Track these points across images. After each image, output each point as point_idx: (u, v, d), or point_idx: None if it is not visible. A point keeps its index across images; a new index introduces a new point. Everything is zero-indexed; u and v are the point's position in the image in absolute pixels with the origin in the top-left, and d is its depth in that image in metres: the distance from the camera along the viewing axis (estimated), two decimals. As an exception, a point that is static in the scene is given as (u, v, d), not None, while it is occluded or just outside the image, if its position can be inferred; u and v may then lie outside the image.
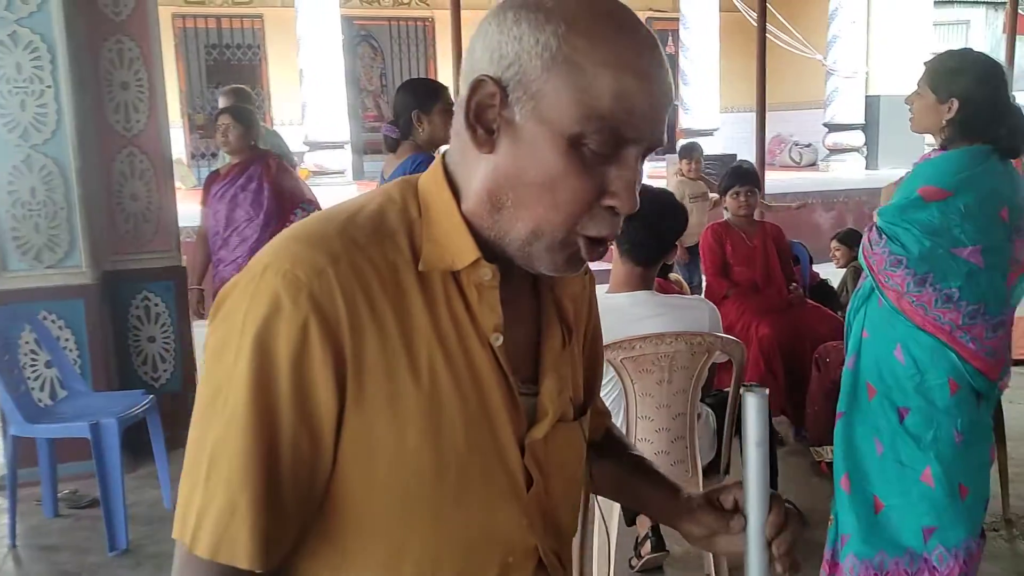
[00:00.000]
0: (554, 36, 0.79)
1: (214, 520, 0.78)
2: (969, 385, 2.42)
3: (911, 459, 2.45)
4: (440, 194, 0.87)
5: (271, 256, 0.81)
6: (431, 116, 3.06)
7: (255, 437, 0.78)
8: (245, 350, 0.78)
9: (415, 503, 0.84)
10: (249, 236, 3.99)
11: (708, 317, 2.58)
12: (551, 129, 0.79)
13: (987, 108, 2.40)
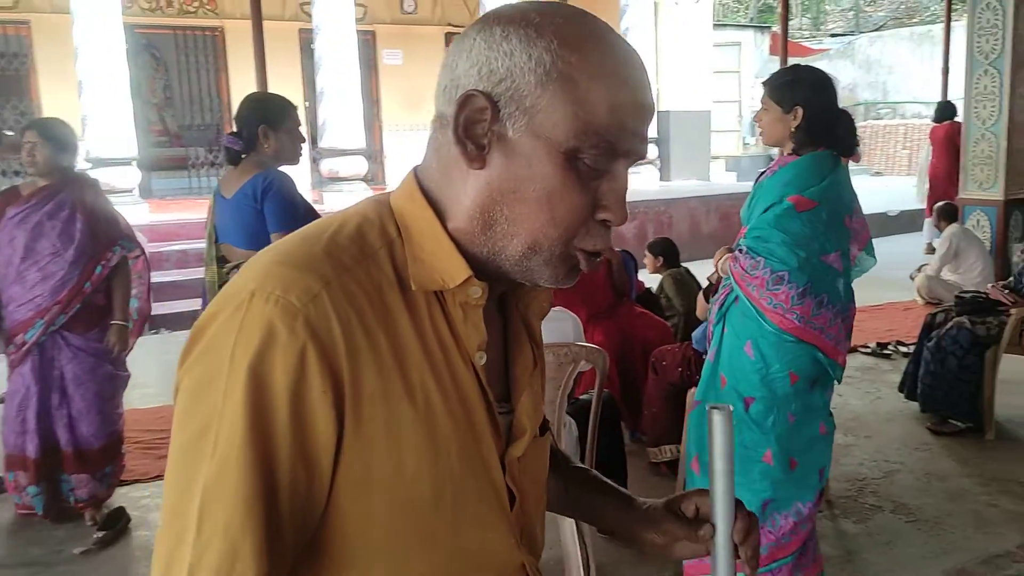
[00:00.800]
0: (547, 52, 0.78)
1: (213, 569, 0.72)
2: (809, 376, 2.66)
3: (753, 443, 2.67)
4: (421, 213, 0.84)
5: (255, 281, 0.75)
6: (279, 133, 2.91)
7: (254, 476, 0.72)
8: (238, 383, 0.72)
9: (413, 529, 0.81)
10: (53, 273, 3.32)
11: (572, 328, 2.58)
12: (547, 144, 0.78)
13: (826, 112, 2.63)
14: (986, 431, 4.14)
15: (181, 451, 0.75)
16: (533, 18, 0.79)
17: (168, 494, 0.75)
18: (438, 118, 0.84)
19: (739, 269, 2.63)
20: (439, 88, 0.84)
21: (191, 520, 0.72)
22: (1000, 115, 6.98)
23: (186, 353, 0.78)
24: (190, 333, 0.78)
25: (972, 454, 4.01)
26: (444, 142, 0.83)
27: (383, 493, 0.78)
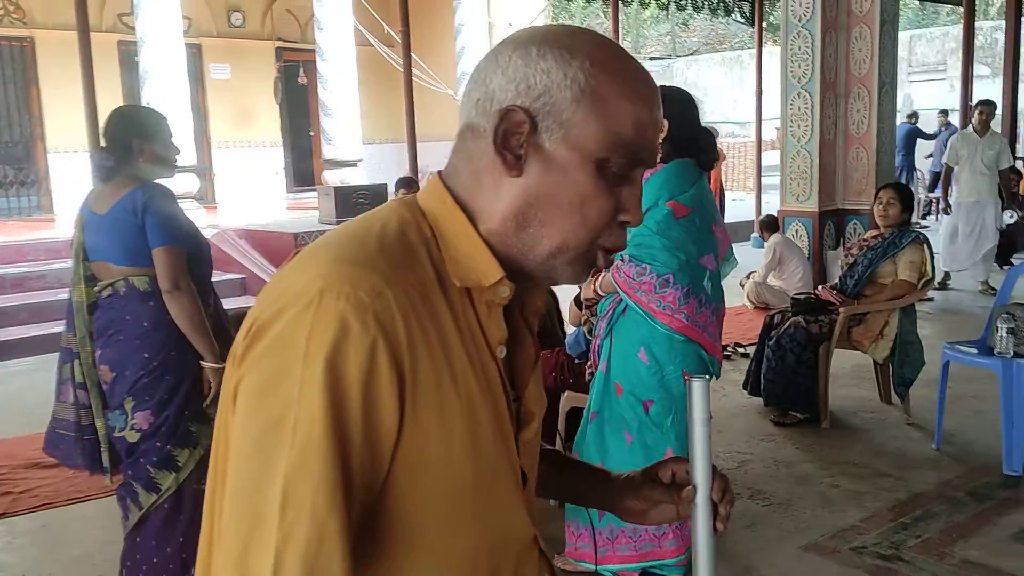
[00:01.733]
0: (581, 71, 0.86)
1: (300, 555, 0.75)
2: (696, 372, 2.89)
3: (655, 442, 2.86)
4: (454, 216, 0.91)
5: (323, 280, 0.80)
6: (154, 146, 2.83)
7: (335, 461, 0.77)
8: (315, 374, 0.77)
9: (458, 509, 0.87)
10: None
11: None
12: (581, 154, 0.87)
13: (689, 127, 2.86)
14: (822, 420, 4.53)
15: (253, 442, 0.78)
16: (565, 40, 0.88)
17: (237, 484, 0.78)
18: (469, 128, 0.90)
19: (624, 278, 2.81)
20: (469, 101, 0.90)
21: (271, 506, 0.75)
22: (812, 134, 7.64)
23: (246, 351, 0.81)
24: (247, 332, 0.82)
25: (812, 441, 4.38)
26: (476, 151, 0.90)
27: (434, 476, 0.84)
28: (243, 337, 0.84)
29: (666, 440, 2.86)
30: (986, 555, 3.16)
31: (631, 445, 2.88)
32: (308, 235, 8.97)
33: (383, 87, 14.09)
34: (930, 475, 3.91)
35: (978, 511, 3.53)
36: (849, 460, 4.11)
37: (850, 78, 7.65)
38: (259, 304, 0.85)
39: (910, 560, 3.15)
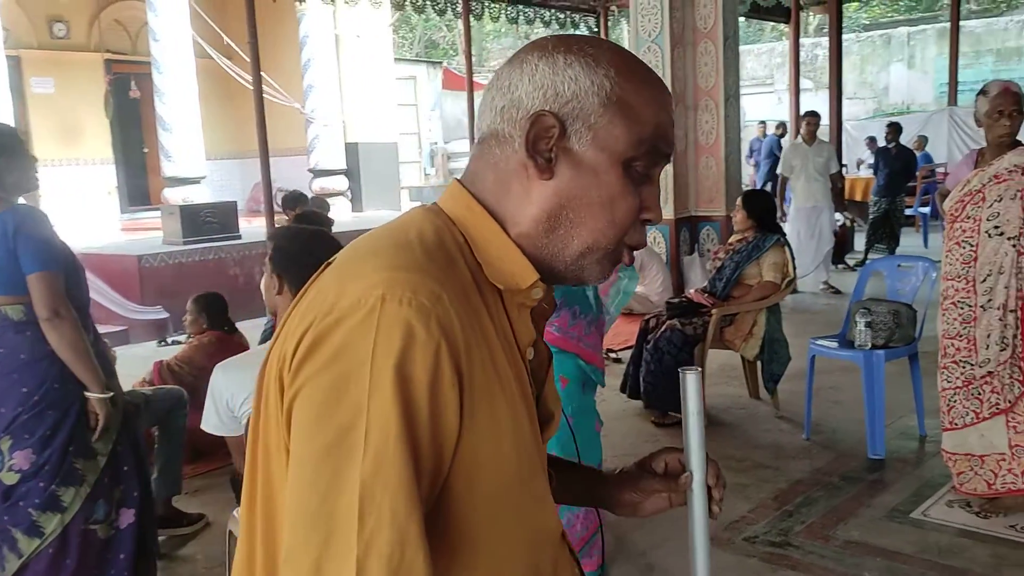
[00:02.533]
0: (607, 78, 0.90)
1: (385, 558, 0.75)
2: (578, 379, 2.95)
3: None
4: (483, 222, 0.93)
5: (383, 286, 0.80)
6: (14, 163, 2.62)
7: (410, 466, 0.77)
8: (385, 381, 0.77)
9: (505, 509, 0.89)
10: None
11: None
12: (610, 155, 0.91)
13: None
14: (699, 418, 4.71)
15: (320, 453, 0.76)
16: (589, 49, 0.92)
17: (303, 498, 0.77)
18: (493, 135, 0.93)
19: None
20: (493, 108, 0.93)
21: (347, 515, 0.74)
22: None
23: (303, 361, 0.79)
24: (304, 342, 0.80)
25: (692, 439, 4.55)
26: (502, 157, 0.92)
27: (486, 476, 0.85)
28: (292, 351, 0.81)
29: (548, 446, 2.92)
30: (865, 534, 3.38)
31: None
32: (152, 257, 8.53)
33: (224, 101, 13.62)
34: (804, 464, 4.15)
35: (852, 494, 3.77)
36: (729, 455, 4.29)
37: (698, 91, 8.02)
38: (305, 317, 0.83)
39: (799, 545, 3.32)
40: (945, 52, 14.48)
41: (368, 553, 0.74)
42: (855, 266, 9.59)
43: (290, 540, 0.77)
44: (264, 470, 0.88)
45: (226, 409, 2.39)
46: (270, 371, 0.87)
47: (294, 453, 0.79)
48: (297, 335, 0.82)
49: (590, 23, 12.29)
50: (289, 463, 0.81)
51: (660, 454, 1.16)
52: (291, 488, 0.79)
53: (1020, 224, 3.30)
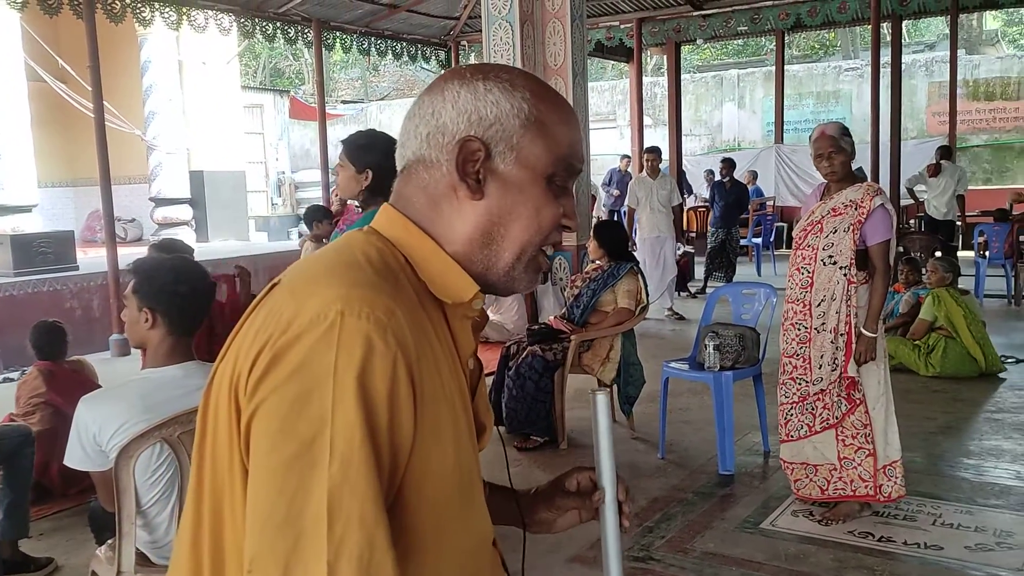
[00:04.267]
0: (524, 101, 0.98)
1: (356, 560, 0.78)
2: None
3: None
4: (422, 242, 0.98)
5: (342, 302, 0.83)
6: None
7: (374, 473, 0.81)
8: (347, 391, 0.80)
9: (450, 515, 0.93)
10: None
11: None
12: (532, 172, 0.98)
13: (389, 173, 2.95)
14: (560, 441, 4.85)
15: (285, 464, 0.79)
16: (504, 76, 0.99)
17: (268, 507, 0.79)
18: (419, 161, 0.99)
19: None
20: (417, 136, 0.98)
21: (315, 521, 0.77)
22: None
23: (262, 377, 0.82)
24: (262, 360, 0.83)
25: (554, 461, 4.67)
26: (431, 180, 0.98)
27: (434, 483, 0.89)
28: (248, 369, 0.84)
29: None
30: (720, 545, 3.58)
31: None
32: (-19, 290, 7.96)
33: (58, 125, 12.91)
34: (661, 481, 4.34)
35: (706, 508, 3.98)
36: (591, 476, 4.42)
37: (549, 125, 8.29)
38: (259, 335, 0.85)
39: (660, 559, 3.48)
40: (771, 93, 15.56)
41: (339, 556, 0.77)
42: (696, 293, 10.11)
43: (256, 547, 0.79)
44: (212, 489, 0.89)
45: (92, 443, 2.30)
46: (218, 391, 0.88)
47: (257, 465, 0.81)
48: (252, 353, 0.84)
49: (440, 56, 12.45)
50: (250, 476, 0.82)
51: (572, 473, 1.23)
52: (254, 498, 0.81)
53: (851, 255, 3.62)
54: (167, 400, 2.34)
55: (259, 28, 10.05)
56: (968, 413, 5.36)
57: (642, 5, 11.17)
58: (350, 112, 22.54)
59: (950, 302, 6.14)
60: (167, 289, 2.39)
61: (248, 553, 0.80)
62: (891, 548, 3.48)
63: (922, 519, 3.74)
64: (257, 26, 10.00)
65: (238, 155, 13.87)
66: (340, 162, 2.97)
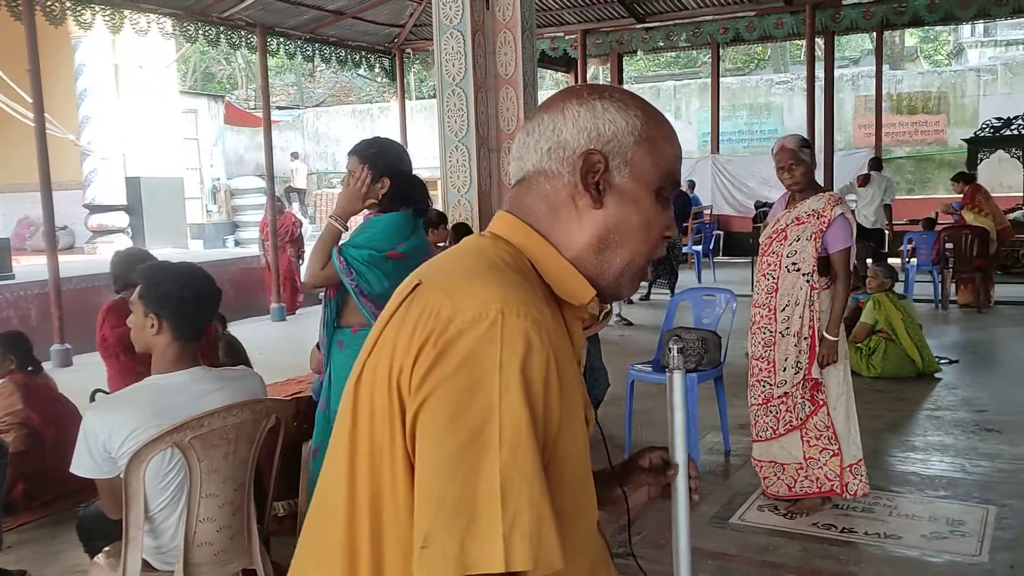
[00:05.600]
0: (637, 119, 1.08)
1: (527, 536, 0.86)
2: None
3: None
4: (544, 248, 1.07)
5: (499, 302, 0.92)
6: None
7: (538, 456, 0.89)
8: (513, 382, 0.89)
9: (582, 496, 1.02)
10: None
11: (260, 384, 2.60)
12: (645, 185, 1.08)
13: (406, 177, 3.05)
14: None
15: (456, 450, 0.87)
16: (616, 96, 1.09)
17: (443, 487, 0.87)
18: (540, 173, 1.08)
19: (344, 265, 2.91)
20: (538, 150, 1.08)
21: (488, 501, 0.85)
22: (471, 185, 8.23)
23: (430, 370, 0.90)
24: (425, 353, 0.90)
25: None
26: (552, 191, 1.07)
27: (571, 466, 0.98)
28: (412, 362, 0.91)
29: None
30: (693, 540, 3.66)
31: None
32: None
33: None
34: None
35: (676, 505, 4.10)
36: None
37: (501, 134, 8.38)
38: (417, 331, 0.92)
39: (641, 555, 3.57)
40: (706, 105, 15.97)
41: (513, 532, 0.85)
42: (640, 299, 10.32)
43: (430, 525, 0.86)
44: (369, 474, 0.96)
45: (101, 451, 2.30)
46: (371, 385, 0.96)
47: (430, 451, 0.89)
48: (414, 349, 0.92)
49: (384, 64, 12.46)
50: (421, 461, 0.90)
51: (645, 452, 1.34)
52: (428, 481, 0.88)
53: (814, 262, 3.80)
54: (175, 406, 2.35)
55: (202, 32, 9.93)
56: (911, 411, 5.64)
57: (587, 17, 11.39)
58: (286, 118, 22.31)
59: (889, 306, 6.43)
60: (173, 295, 2.41)
61: (422, 530, 0.87)
62: (854, 539, 3.66)
63: (880, 510, 3.94)
64: (200, 30, 9.87)
65: (175, 161, 13.61)
66: (352, 170, 2.97)
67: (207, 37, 10.08)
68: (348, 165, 3.00)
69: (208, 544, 2.46)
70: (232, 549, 2.53)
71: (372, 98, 25.59)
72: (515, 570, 0.85)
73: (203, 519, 2.42)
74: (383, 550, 0.95)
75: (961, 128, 15.61)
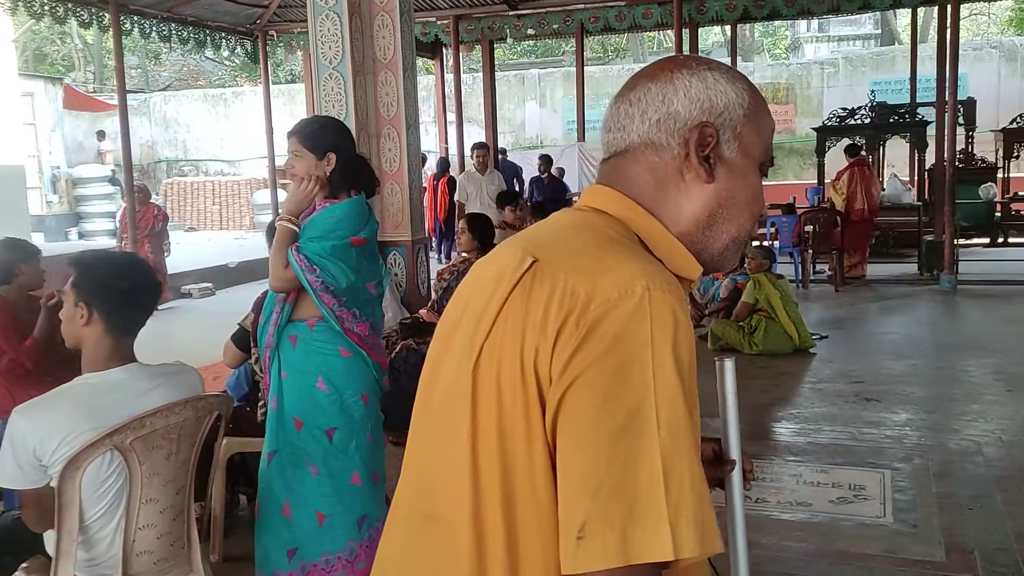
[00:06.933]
0: (744, 92, 1.05)
1: (692, 519, 0.82)
2: (374, 394, 3.01)
3: (341, 469, 2.89)
4: (651, 222, 1.03)
5: (644, 277, 0.88)
6: None
7: (695, 437, 0.87)
8: (666, 360, 0.85)
9: None
10: None
11: (199, 379, 2.43)
12: (752, 160, 1.05)
13: (353, 156, 2.95)
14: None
15: (615, 431, 0.82)
16: (723, 68, 1.06)
17: (599, 474, 0.82)
18: (648, 145, 1.03)
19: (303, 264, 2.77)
20: (646, 120, 1.03)
21: (649, 485, 0.81)
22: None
23: (577, 349, 0.85)
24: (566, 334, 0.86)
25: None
26: (660, 163, 1.03)
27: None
28: (552, 343, 0.86)
29: (352, 464, 2.91)
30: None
31: (318, 477, 2.87)
32: None
33: None
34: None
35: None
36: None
37: (380, 119, 8.21)
38: (550, 310, 0.88)
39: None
40: (571, 93, 16.22)
41: (678, 516, 0.81)
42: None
43: (587, 514, 0.81)
44: (500, 467, 0.89)
45: (31, 458, 2.09)
46: (496, 371, 0.90)
47: (580, 436, 0.83)
48: (552, 329, 0.86)
49: (247, 46, 11.97)
50: (571, 447, 0.84)
51: (703, 443, 1.27)
52: (581, 468, 0.83)
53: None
54: (113, 405, 2.17)
55: (49, 8, 9.23)
56: (795, 385, 5.92)
57: (459, 3, 11.31)
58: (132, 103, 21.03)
59: (768, 286, 6.73)
60: (107, 284, 2.22)
61: (577, 520, 0.82)
62: (768, 509, 3.80)
63: (787, 480, 4.12)
64: (47, 6, 9.17)
65: (15, 148, 12.63)
66: (295, 151, 2.83)
67: (54, 14, 9.38)
68: (289, 147, 2.86)
69: (147, 552, 2.28)
70: (172, 557, 2.36)
71: (224, 82, 24.52)
72: (683, 557, 0.82)
73: (143, 526, 2.25)
74: (518, 544, 0.89)
75: (808, 118, 16.55)
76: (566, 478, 0.85)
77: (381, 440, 3.09)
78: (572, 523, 0.83)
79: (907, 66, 14.00)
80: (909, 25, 14.57)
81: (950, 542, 3.39)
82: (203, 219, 18.92)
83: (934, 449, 4.46)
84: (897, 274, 10.33)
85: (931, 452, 4.41)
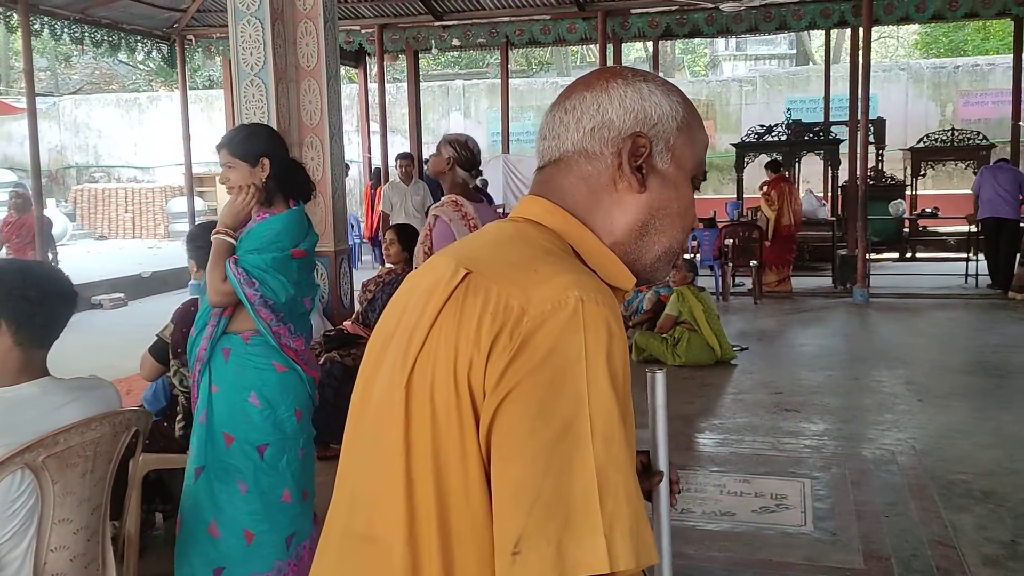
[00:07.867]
0: (679, 105, 1.06)
1: (628, 533, 0.81)
2: (307, 409, 2.96)
3: (272, 486, 2.83)
4: (585, 233, 1.03)
5: (576, 288, 0.87)
6: None
7: (628, 449, 0.86)
8: (600, 372, 0.84)
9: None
10: None
11: (115, 393, 2.32)
12: (684, 172, 1.06)
13: (287, 162, 2.90)
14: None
15: (549, 443, 0.81)
16: (659, 80, 1.07)
17: (534, 486, 0.81)
18: (581, 154, 1.03)
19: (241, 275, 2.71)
20: (578, 129, 1.03)
21: (584, 498, 0.80)
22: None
23: (512, 361, 0.84)
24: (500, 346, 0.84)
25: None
26: (593, 172, 1.02)
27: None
28: (485, 356, 0.85)
29: (283, 481, 2.85)
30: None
31: (247, 494, 2.81)
32: None
33: None
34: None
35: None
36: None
37: (303, 128, 8.09)
38: (484, 323, 0.86)
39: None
40: (495, 105, 16.29)
41: (613, 530, 0.80)
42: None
43: (522, 528, 0.80)
44: (435, 480, 0.87)
45: None
46: (429, 384, 0.88)
47: (515, 448, 0.82)
48: (485, 342, 0.85)
49: (163, 50, 11.67)
50: (506, 459, 0.82)
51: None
52: (516, 480, 0.81)
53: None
54: (24, 423, 2.06)
55: (-48, 6, 8.84)
56: (717, 396, 6.03)
57: (384, 12, 11.24)
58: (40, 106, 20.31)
59: (692, 298, 6.84)
60: (14, 293, 2.10)
61: (512, 534, 0.81)
62: (693, 519, 3.85)
63: (711, 491, 4.17)
64: (-50, 4, 8.78)
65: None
66: (227, 163, 2.77)
67: (-42, 11, 8.98)
68: (221, 160, 2.79)
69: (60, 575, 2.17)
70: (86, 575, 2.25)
71: (139, 87, 23.83)
72: (619, 569, 0.81)
73: (55, 548, 2.13)
74: (454, 562, 0.87)
75: (727, 134, 16.94)
76: (501, 492, 0.83)
77: (312, 456, 3.02)
78: (507, 538, 0.81)
79: (821, 85, 14.46)
80: (823, 46, 15.06)
81: (868, 549, 3.48)
82: (115, 227, 18.32)
83: (851, 458, 4.59)
84: (813, 287, 10.63)
85: (848, 461, 4.53)
